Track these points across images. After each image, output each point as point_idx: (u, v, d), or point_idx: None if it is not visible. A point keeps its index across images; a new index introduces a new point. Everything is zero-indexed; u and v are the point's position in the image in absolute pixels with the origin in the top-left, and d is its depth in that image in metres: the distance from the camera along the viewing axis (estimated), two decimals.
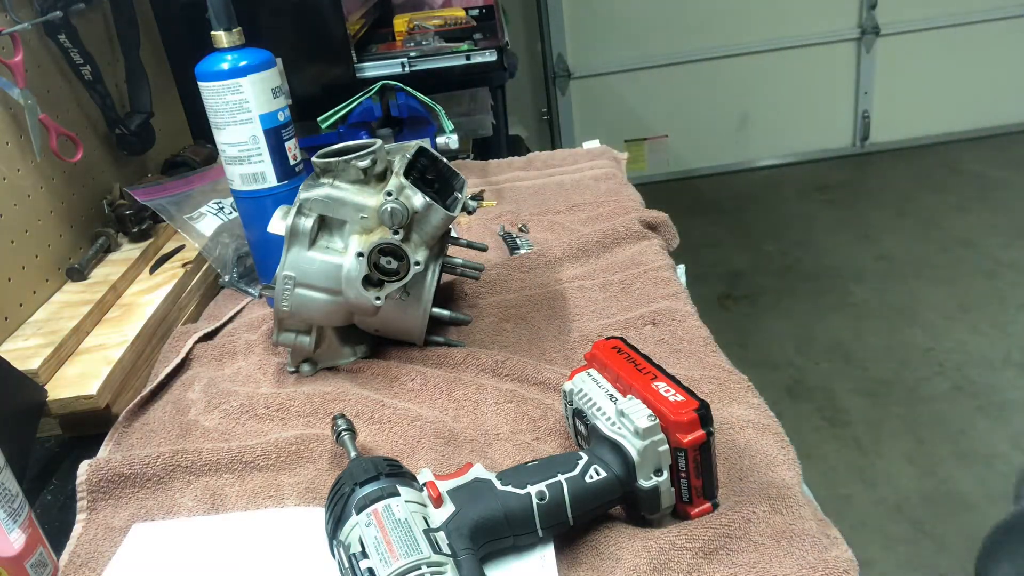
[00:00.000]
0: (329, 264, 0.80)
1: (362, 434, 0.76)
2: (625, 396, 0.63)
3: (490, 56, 1.46)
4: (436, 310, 0.87)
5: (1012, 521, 0.96)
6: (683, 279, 1.00)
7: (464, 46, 1.51)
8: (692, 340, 0.86)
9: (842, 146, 3.78)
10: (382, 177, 0.82)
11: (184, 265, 1.08)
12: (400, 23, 1.67)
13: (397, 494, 0.58)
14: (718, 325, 0.89)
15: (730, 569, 0.58)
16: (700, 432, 0.60)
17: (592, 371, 0.69)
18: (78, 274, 1.04)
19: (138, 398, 0.86)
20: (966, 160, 3.54)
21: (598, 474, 0.61)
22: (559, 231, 1.14)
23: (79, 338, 0.93)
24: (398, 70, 1.45)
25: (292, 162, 0.94)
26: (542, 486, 0.60)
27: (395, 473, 0.61)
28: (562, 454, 0.65)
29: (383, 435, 0.77)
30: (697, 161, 3.76)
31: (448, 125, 1.23)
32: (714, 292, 2.80)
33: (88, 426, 0.85)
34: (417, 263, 0.80)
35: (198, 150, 1.36)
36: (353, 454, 0.67)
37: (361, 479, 0.59)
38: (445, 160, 0.88)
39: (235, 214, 1.13)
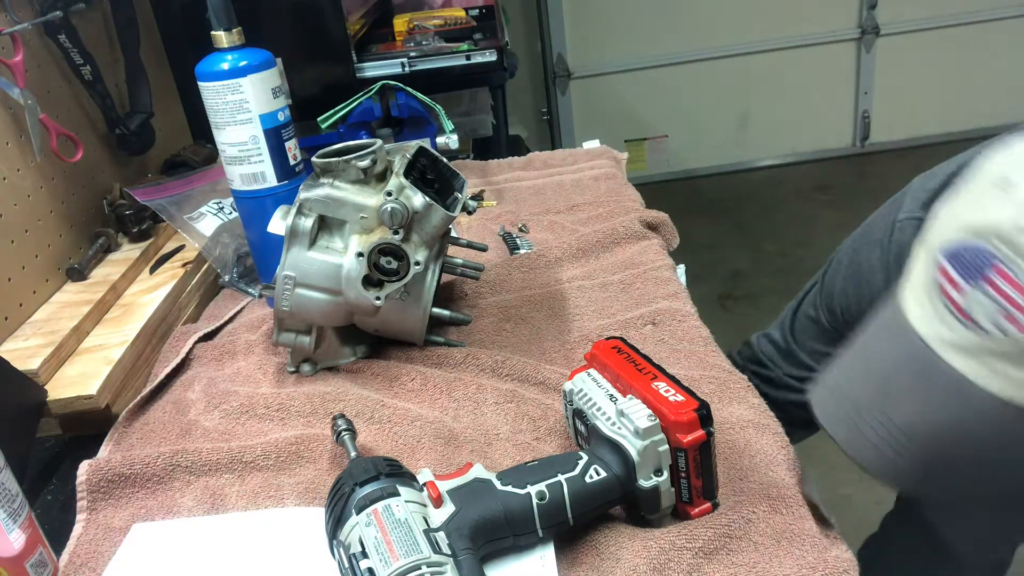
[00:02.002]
0: (329, 264, 0.80)
1: (362, 434, 0.76)
2: (625, 396, 0.63)
3: (490, 56, 1.46)
4: (436, 310, 0.87)
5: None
6: (683, 279, 1.00)
7: (464, 46, 1.51)
8: (692, 340, 0.86)
9: (842, 146, 3.78)
10: (382, 177, 0.82)
11: (184, 265, 1.08)
12: (400, 23, 1.67)
13: (397, 494, 0.58)
14: (718, 325, 0.89)
15: (730, 569, 0.58)
16: (700, 432, 0.60)
17: (592, 371, 0.69)
18: (78, 274, 1.04)
19: (138, 398, 0.86)
20: None
21: (598, 474, 0.61)
22: (559, 231, 1.14)
23: (79, 338, 0.93)
24: (398, 70, 1.44)
25: (292, 162, 0.94)
26: (542, 486, 0.60)
27: (395, 473, 0.61)
28: (562, 454, 0.65)
29: (383, 435, 0.77)
30: (697, 161, 3.75)
31: (448, 125, 1.23)
32: (714, 292, 2.80)
33: (88, 426, 0.85)
34: (417, 263, 0.80)
35: (198, 150, 1.36)
36: (353, 454, 0.67)
37: (361, 479, 0.59)
38: (445, 160, 0.88)
39: (235, 214, 1.13)
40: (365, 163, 0.80)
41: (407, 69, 1.45)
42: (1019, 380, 0.49)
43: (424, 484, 0.60)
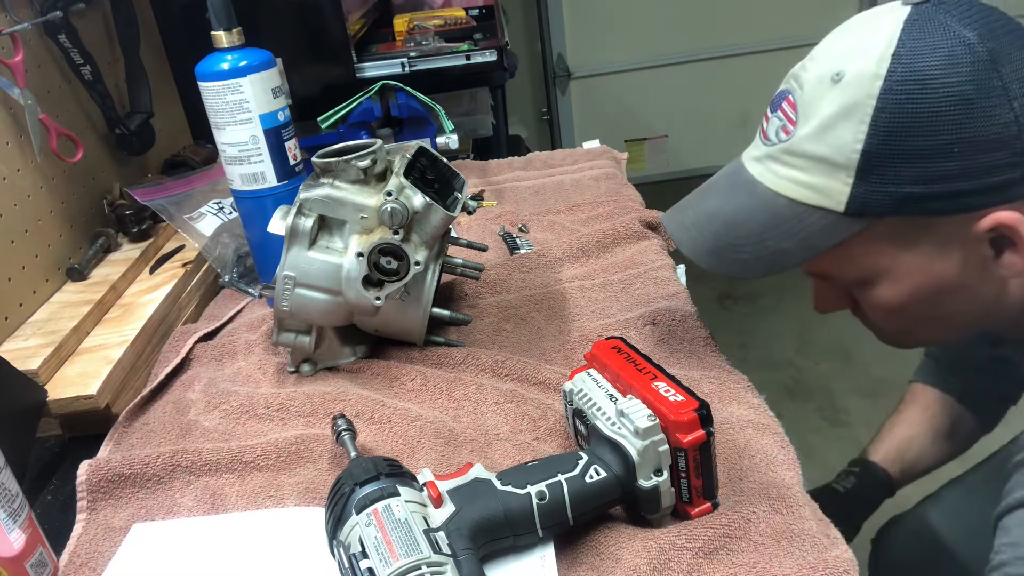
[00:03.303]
0: (329, 264, 0.80)
1: (362, 434, 0.76)
2: (625, 396, 0.63)
3: (490, 56, 1.46)
4: (436, 310, 0.87)
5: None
6: (683, 279, 1.00)
7: (464, 46, 1.51)
8: (692, 340, 0.86)
9: None
10: (382, 177, 0.82)
11: (184, 265, 1.08)
12: (400, 23, 1.67)
13: (397, 494, 0.58)
14: (718, 325, 0.89)
15: (730, 569, 0.58)
16: (700, 432, 0.60)
17: (592, 371, 0.69)
18: (78, 274, 1.04)
19: (138, 398, 0.86)
20: None
21: (598, 474, 0.61)
22: (559, 231, 1.14)
23: (79, 338, 0.93)
24: (398, 70, 1.44)
25: (292, 162, 0.94)
26: (542, 486, 0.60)
27: (395, 473, 0.61)
28: (562, 454, 0.65)
29: (383, 435, 0.77)
30: (697, 161, 3.75)
31: (448, 125, 1.23)
32: (714, 292, 2.80)
33: (88, 426, 0.85)
34: (417, 263, 0.80)
35: (198, 150, 1.36)
36: (353, 454, 0.67)
37: (361, 479, 0.59)
38: (445, 160, 0.88)
39: (235, 214, 1.13)
40: (365, 163, 0.80)
41: (407, 69, 1.45)
42: (784, 175, 0.66)
43: (424, 484, 0.60)
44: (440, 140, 1.28)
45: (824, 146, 0.62)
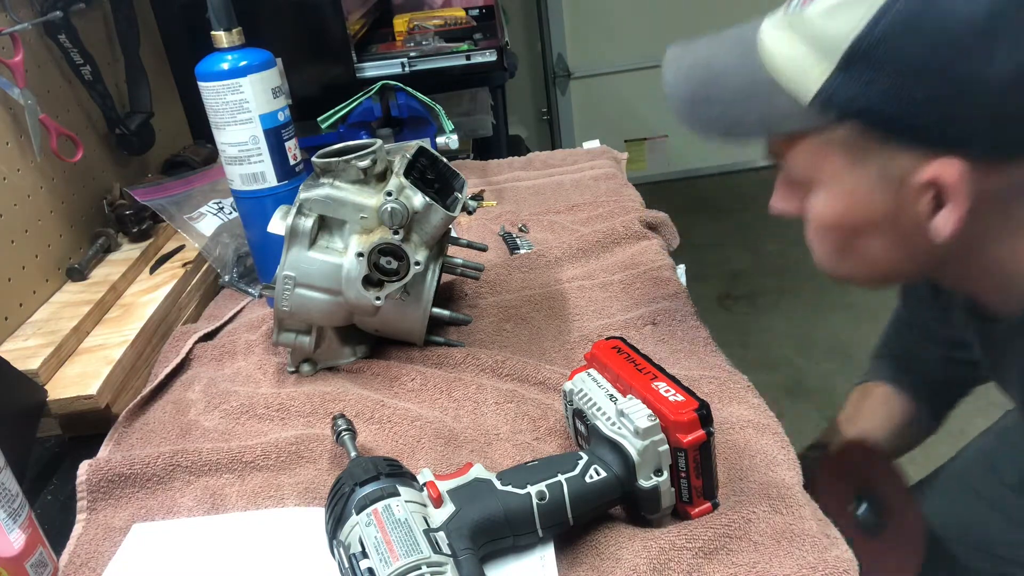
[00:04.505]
0: (329, 264, 0.80)
1: (362, 434, 0.76)
2: (625, 396, 0.63)
3: (490, 56, 1.46)
4: (436, 310, 0.87)
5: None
6: (683, 279, 1.00)
7: (464, 46, 1.51)
8: (692, 340, 0.86)
9: None
10: (382, 177, 0.82)
11: (184, 265, 1.08)
12: (400, 23, 1.67)
13: (397, 494, 0.58)
14: (718, 325, 0.89)
15: (730, 569, 0.58)
16: (700, 432, 0.60)
17: (592, 371, 0.69)
18: (78, 274, 1.04)
19: (138, 398, 0.86)
20: None
21: (598, 474, 0.61)
22: (559, 231, 1.14)
23: (79, 338, 0.93)
24: (398, 70, 1.44)
25: (292, 162, 0.94)
26: (542, 486, 0.60)
27: (395, 473, 0.61)
28: (562, 454, 0.65)
29: (383, 435, 0.77)
30: (697, 161, 3.75)
31: (448, 125, 1.23)
32: (714, 292, 2.80)
33: (88, 426, 0.85)
34: (417, 263, 0.80)
35: (198, 150, 1.36)
36: (353, 454, 0.67)
37: (361, 479, 0.59)
38: (445, 160, 0.88)
39: (235, 214, 1.13)
40: (365, 163, 0.80)
41: (407, 69, 1.45)
42: (778, 45, 0.63)
43: (424, 484, 0.60)
44: (440, 140, 1.28)
45: (826, 25, 0.59)
